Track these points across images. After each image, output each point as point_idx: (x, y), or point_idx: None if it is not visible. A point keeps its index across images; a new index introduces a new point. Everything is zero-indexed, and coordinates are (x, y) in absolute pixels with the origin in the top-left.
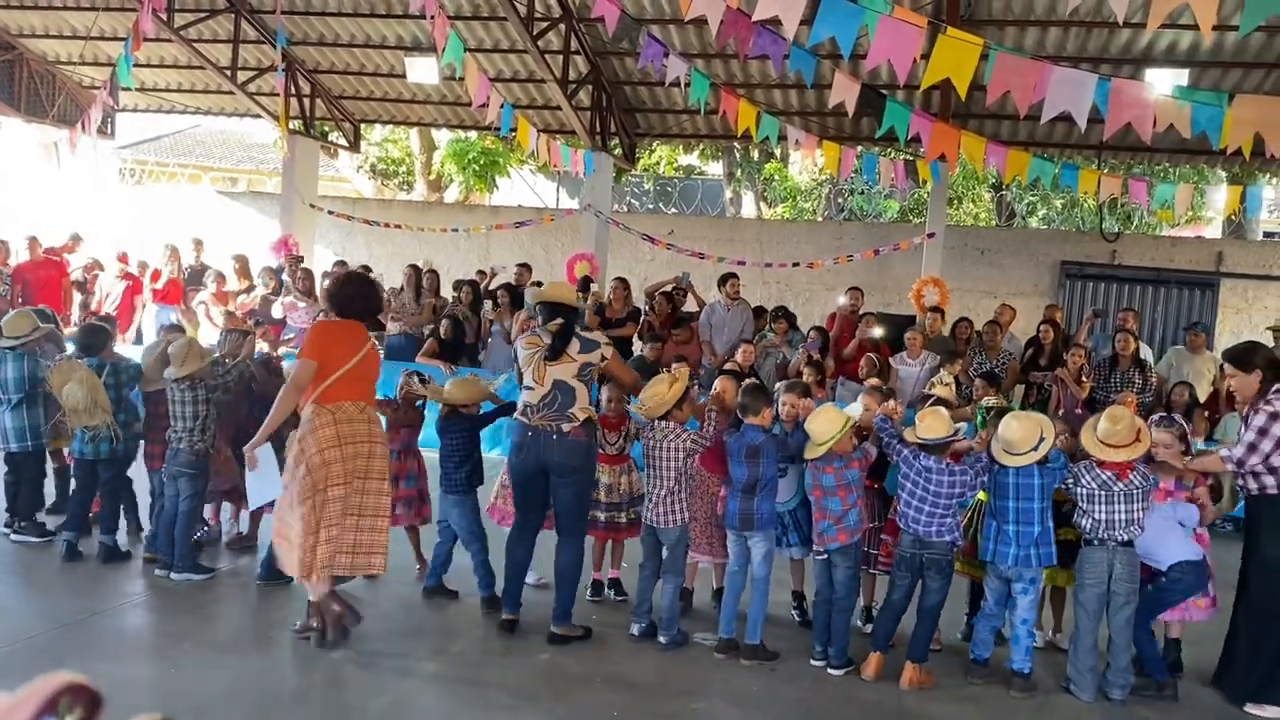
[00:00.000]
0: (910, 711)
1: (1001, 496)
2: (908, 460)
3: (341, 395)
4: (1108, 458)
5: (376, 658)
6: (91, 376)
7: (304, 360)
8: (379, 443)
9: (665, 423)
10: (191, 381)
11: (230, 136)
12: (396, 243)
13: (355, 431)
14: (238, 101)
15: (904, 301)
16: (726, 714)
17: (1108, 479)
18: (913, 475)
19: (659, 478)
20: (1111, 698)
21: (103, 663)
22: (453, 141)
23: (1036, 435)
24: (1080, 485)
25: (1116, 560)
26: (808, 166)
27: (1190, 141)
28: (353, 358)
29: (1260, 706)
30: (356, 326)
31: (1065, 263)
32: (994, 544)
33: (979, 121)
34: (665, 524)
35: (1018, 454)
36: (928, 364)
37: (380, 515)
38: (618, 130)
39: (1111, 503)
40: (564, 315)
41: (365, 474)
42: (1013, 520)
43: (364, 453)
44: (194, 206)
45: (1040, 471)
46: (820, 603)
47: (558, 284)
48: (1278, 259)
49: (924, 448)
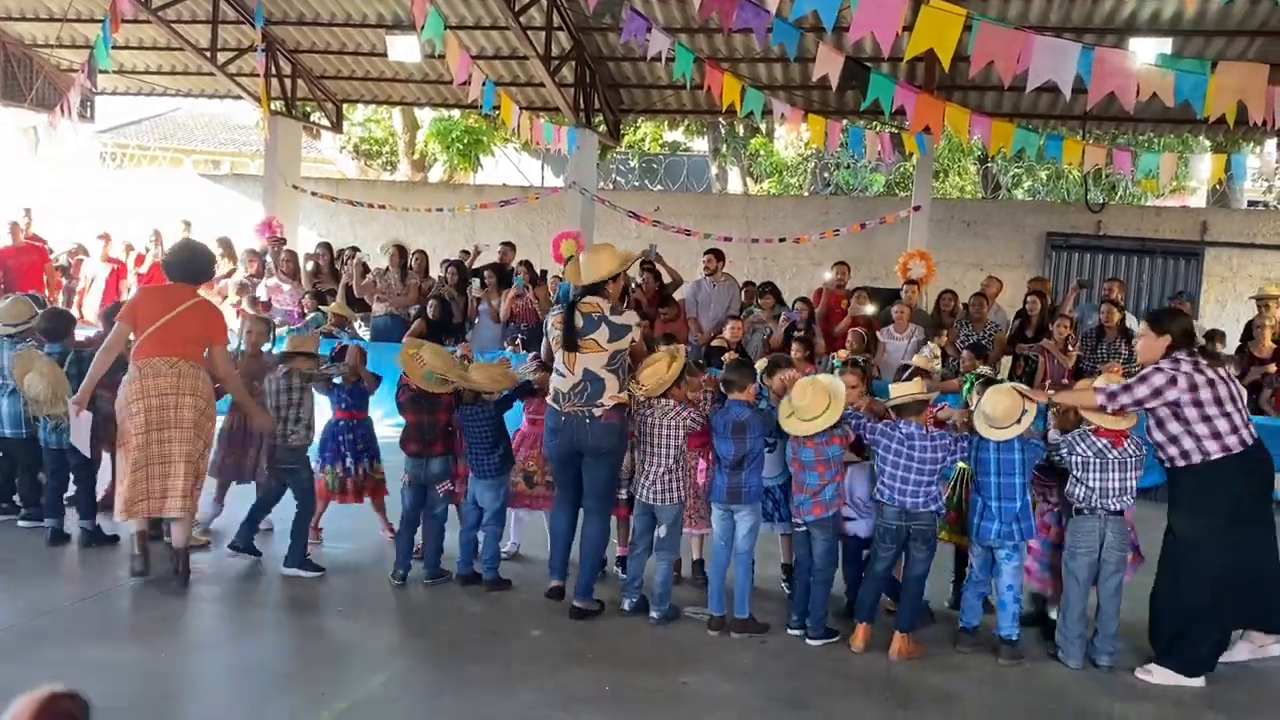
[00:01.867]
0: (900, 681)
1: (983, 472)
2: (886, 434)
3: (152, 352)
4: (1108, 424)
5: (369, 638)
6: (52, 366)
7: (117, 323)
8: (185, 394)
9: (665, 401)
10: (289, 374)
11: (211, 119)
12: (381, 223)
13: (161, 385)
14: (218, 83)
15: (890, 275)
16: (718, 687)
17: (1103, 447)
18: (894, 447)
19: (657, 456)
20: (1099, 664)
21: (91, 648)
22: (436, 120)
23: (1019, 409)
24: (1075, 454)
25: (1108, 529)
26: (793, 141)
27: (1174, 111)
28: (163, 317)
29: (1148, 671)
30: (179, 289)
31: (1051, 234)
32: (978, 519)
33: (963, 93)
34: (664, 502)
35: (1001, 428)
36: (915, 337)
37: (178, 461)
38: (602, 107)
39: (1106, 471)
40: (591, 292)
41: (170, 424)
42: (994, 496)
43: (170, 404)
44: (176, 190)
45: (1022, 446)
46: (799, 574)
47: (593, 257)
48: (1262, 227)
49: (900, 411)
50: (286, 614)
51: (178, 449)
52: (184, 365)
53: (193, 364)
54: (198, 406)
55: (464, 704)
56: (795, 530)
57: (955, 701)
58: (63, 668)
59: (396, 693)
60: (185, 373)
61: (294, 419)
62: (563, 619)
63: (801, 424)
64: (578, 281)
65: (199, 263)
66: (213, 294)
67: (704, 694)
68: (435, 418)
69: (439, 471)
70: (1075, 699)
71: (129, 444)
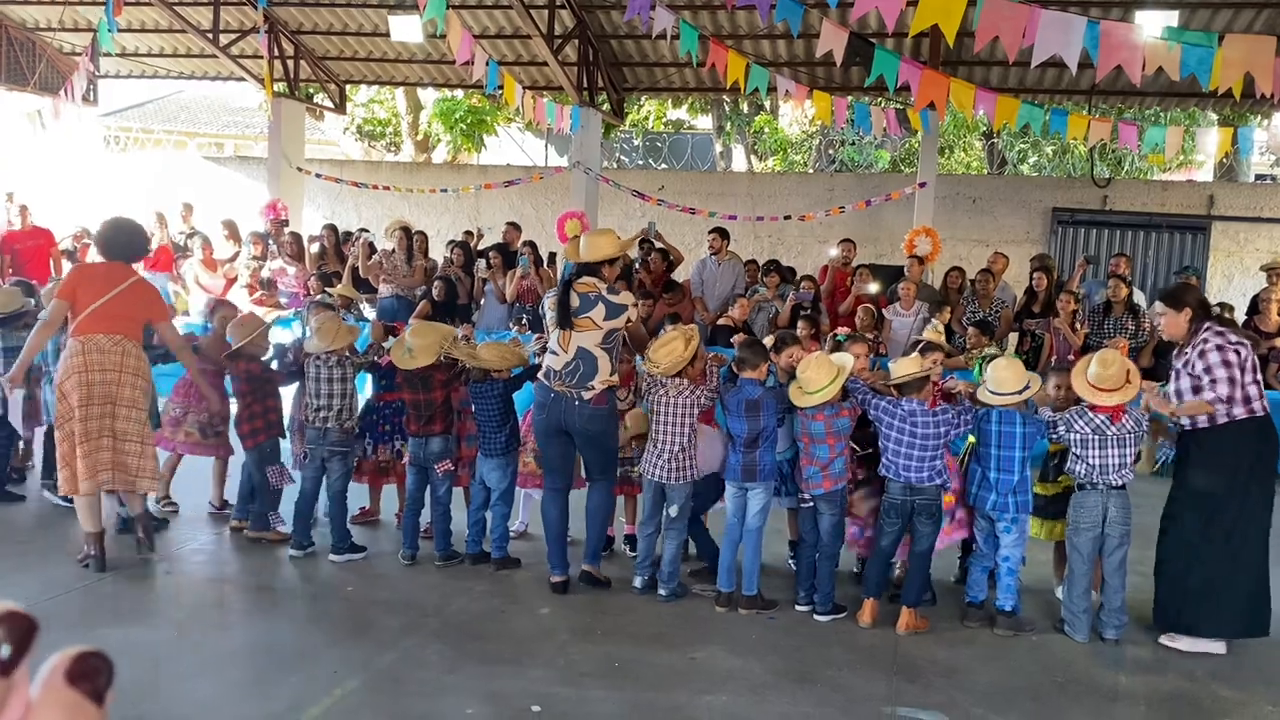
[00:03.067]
0: (908, 655)
1: (984, 443)
2: (888, 410)
3: (95, 329)
4: (1099, 401)
5: (381, 617)
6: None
7: (55, 300)
8: (128, 372)
9: (678, 380)
10: (339, 358)
11: (214, 101)
12: (386, 205)
13: (104, 361)
14: (221, 65)
15: (896, 252)
16: (726, 663)
17: (1101, 423)
18: (896, 423)
19: (669, 435)
20: (1105, 638)
21: (102, 628)
22: (439, 101)
23: (1024, 380)
24: (1073, 430)
25: (1110, 504)
26: (798, 118)
27: (1180, 84)
28: (105, 295)
29: (1174, 638)
30: (117, 267)
31: (1057, 209)
32: (976, 488)
33: (968, 68)
34: (675, 480)
35: (1002, 393)
36: (921, 314)
37: (133, 440)
38: (605, 85)
39: (1104, 447)
40: (584, 272)
41: (114, 400)
42: (994, 468)
43: (113, 380)
44: (180, 173)
45: (1023, 420)
46: (805, 549)
47: (593, 239)
48: (1269, 201)
49: (902, 390)
50: (296, 594)
51: (133, 428)
52: (127, 344)
53: (135, 343)
54: (137, 385)
55: (474, 681)
56: (801, 505)
57: (962, 675)
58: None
59: (408, 670)
60: (129, 351)
61: (344, 403)
62: (571, 597)
63: (806, 396)
64: (576, 259)
65: (134, 240)
66: (218, 277)
67: (712, 669)
68: (431, 395)
69: (439, 450)
70: (1081, 672)
71: (70, 417)
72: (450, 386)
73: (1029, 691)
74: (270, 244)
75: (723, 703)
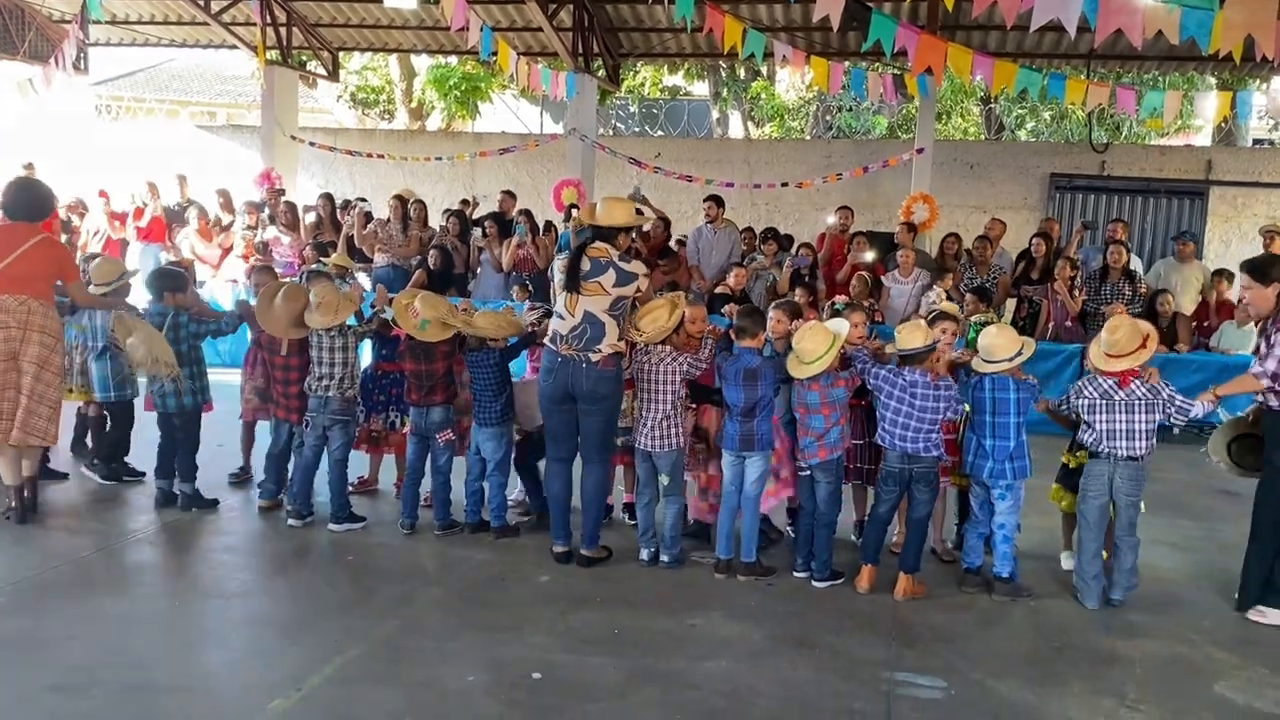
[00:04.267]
0: (905, 621)
1: (979, 411)
2: (889, 380)
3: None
4: (1110, 368)
5: (381, 586)
6: (149, 329)
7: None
8: (35, 330)
9: (662, 347)
10: (341, 329)
11: (206, 69)
12: (380, 173)
13: (7, 320)
14: (212, 33)
15: (894, 219)
16: (724, 628)
17: (1108, 388)
18: (896, 393)
19: (654, 402)
20: (1112, 599)
21: (107, 599)
22: (433, 68)
23: (1016, 346)
24: (1082, 397)
25: (1118, 474)
26: (795, 84)
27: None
28: (9, 255)
29: (1262, 613)
30: (22, 227)
31: (1055, 175)
32: (972, 456)
33: (966, 33)
34: (661, 448)
35: (995, 360)
36: (919, 281)
37: (41, 400)
38: (601, 51)
39: (1112, 412)
40: (598, 238)
41: (19, 356)
42: (989, 435)
43: (16, 338)
44: (173, 142)
45: (1016, 386)
46: (804, 517)
47: (611, 204)
48: (1267, 165)
49: (905, 360)
50: (298, 564)
51: (41, 387)
52: (33, 303)
53: (42, 302)
54: (45, 343)
55: (475, 648)
56: (799, 474)
57: (960, 641)
58: (80, 619)
59: (408, 638)
60: (34, 310)
61: (345, 372)
62: (571, 565)
63: (803, 366)
64: (590, 221)
65: (38, 199)
66: (213, 247)
67: (711, 635)
68: (433, 366)
69: (439, 420)
70: (1078, 636)
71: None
72: (453, 357)
73: (1026, 656)
74: (265, 213)
75: (722, 668)
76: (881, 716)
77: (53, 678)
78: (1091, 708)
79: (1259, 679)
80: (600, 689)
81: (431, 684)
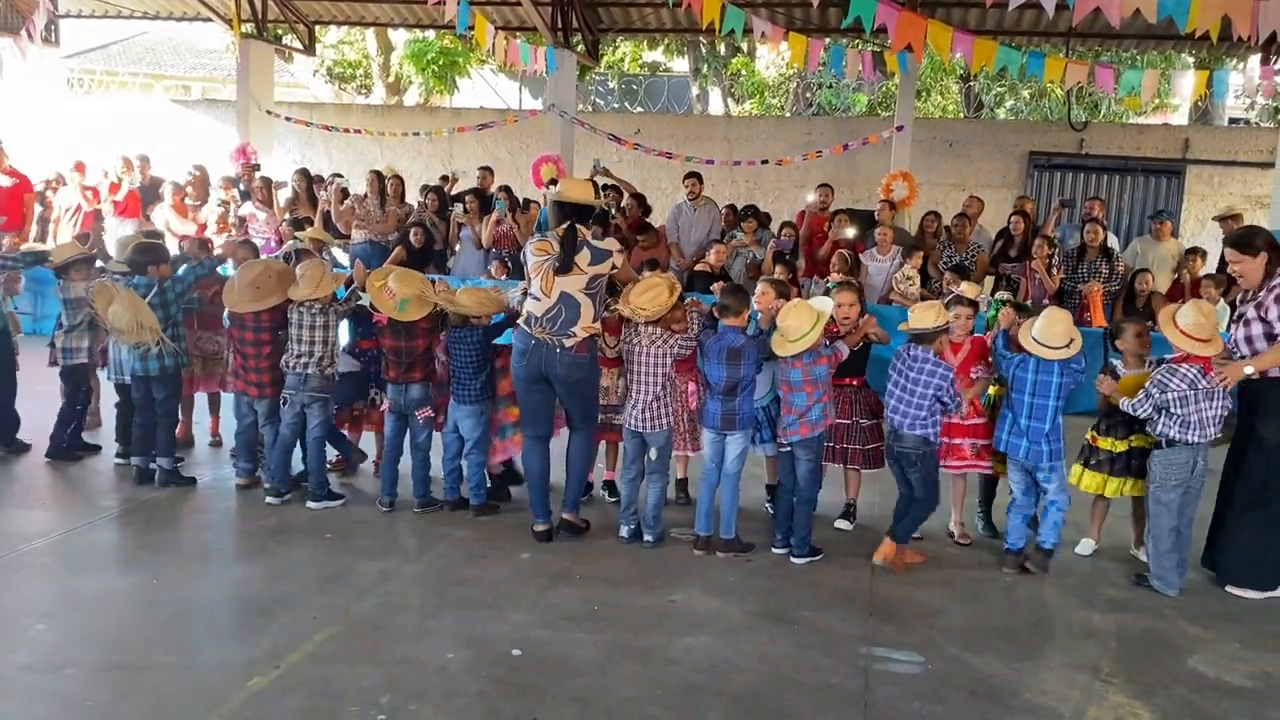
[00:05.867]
0: (884, 596)
1: (1018, 390)
2: (900, 354)
3: None
4: (1197, 351)
5: (360, 563)
6: (133, 296)
7: None
8: None
9: (653, 328)
10: (323, 307)
11: (180, 43)
12: (357, 149)
13: None
14: (186, 4)
15: (874, 196)
16: (703, 604)
17: (1194, 375)
18: (899, 366)
19: (644, 382)
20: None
21: (83, 576)
22: (410, 42)
23: (1070, 336)
24: (1169, 391)
25: (1199, 458)
26: (775, 61)
27: (1158, 27)
28: None
29: (1243, 590)
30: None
31: (1033, 153)
32: (1006, 435)
33: (946, 10)
34: (652, 428)
35: (1051, 346)
36: (898, 259)
37: None
38: (580, 26)
39: (1198, 401)
40: (577, 217)
41: None
42: (1025, 415)
43: None
44: (147, 116)
45: (1060, 370)
46: (783, 493)
47: (574, 182)
48: (1243, 144)
49: (919, 339)
50: (276, 541)
51: None
52: None
53: None
54: None
55: (454, 625)
56: (780, 451)
57: (937, 616)
58: (56, 599)
59: (387, 616)
60: None
61: (325, 350)
62: (551, 542)
63: (787, 344)
64: (555, 199)
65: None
66: (189, 222)
67: (690, 611)
68: (413, 343)
69: (418, 397)
70: (1055, 611)
71: None
72: (433, 334)
73: (1003, 631)
74: (240, 188)
75: (701, 644)
76: (859, 691)
77: (26, 657)
78: (1067, 681)
79: (1231, 653)
80: (580, 665)
81: (410, 661)
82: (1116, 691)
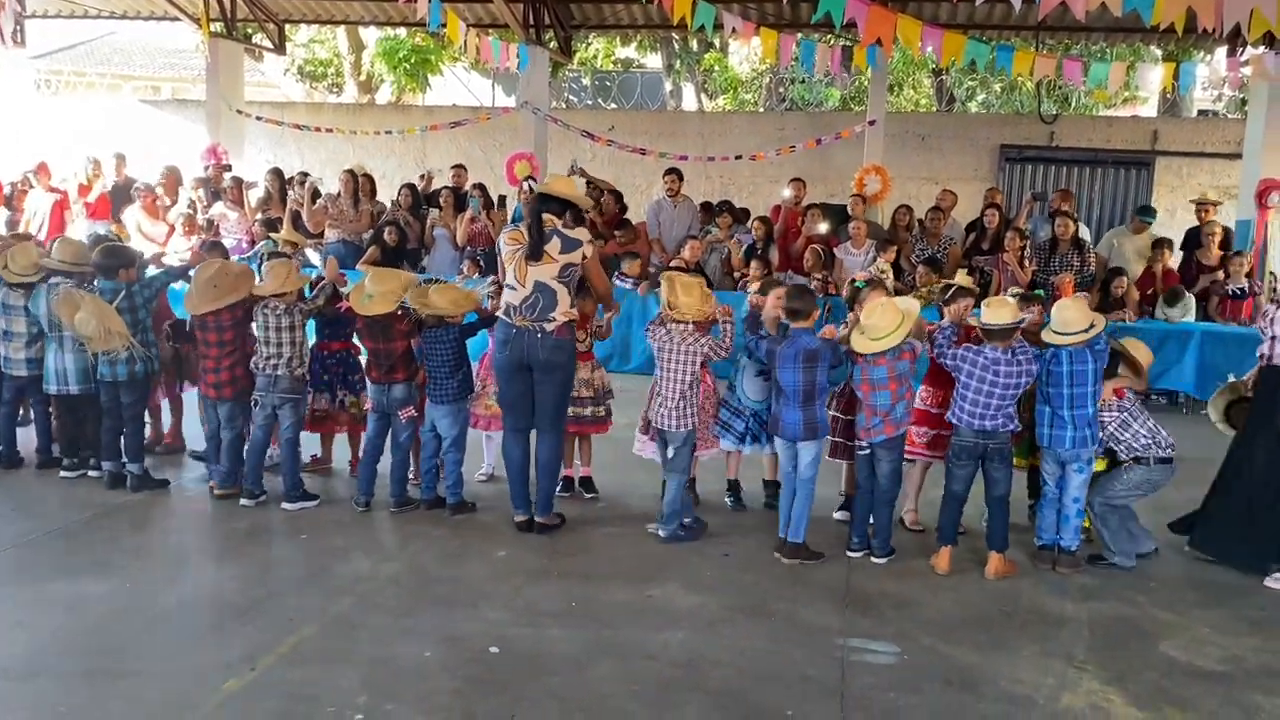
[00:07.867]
0: (860, 589)
1: (1055, 384)
2: (969, 359)
3: None
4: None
5: (335, 564)
6: (99, 302)
7: None
8: None
9: (683, 325)
10: (288, 305)
11: (149, 43)
12: (329, 148)
13: None
14: (154, 4)
15: (847, 191)
16: (681, 599)
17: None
18: (978, 373)
19: (673, 382)
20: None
21: (57, 581)
22: (382, 40)
23: (1089, 320)
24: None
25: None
26: (748, 57)
27: (1125, 20)
28: None
29: (1274, 578)
30: None
31: (1005, 146)
32: (1049, 429)
33: (916, 4)
34: (676, 427)
35: (1069, 333)
36: (872, 252)
37: None
38: (552, 22)
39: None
40: (552, 209)
41: None
42: (1067, 405)
43: None
44: (117, 117)
45: (1092, 355)
46: (862, 495)
47: (562, 178)
48: (1211, 136)
49: (990, 336)
50: (251, 542)
51: None
52: None
53: None
54: None
55: (431, 624)
56: (858, 453)
57: (912, 607)
58: (29, 604)
59: (364, 616)
60: None
61: (294, 350)
62: (528, 538)
63: (871, 342)
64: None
65: None
66: (160, 224)
67: (669, 606)
68: (392, 345)
69: (401, 397)
70: (1029, 601)
71: None
72: (412, 336)
73: (978, 621)
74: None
75: (679, 638)
76: (835, 682)
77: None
78: (1041, 669)
79: (1202, 638)
80: (558, 661)
81: (387, 661)
82: (1090, 678)
